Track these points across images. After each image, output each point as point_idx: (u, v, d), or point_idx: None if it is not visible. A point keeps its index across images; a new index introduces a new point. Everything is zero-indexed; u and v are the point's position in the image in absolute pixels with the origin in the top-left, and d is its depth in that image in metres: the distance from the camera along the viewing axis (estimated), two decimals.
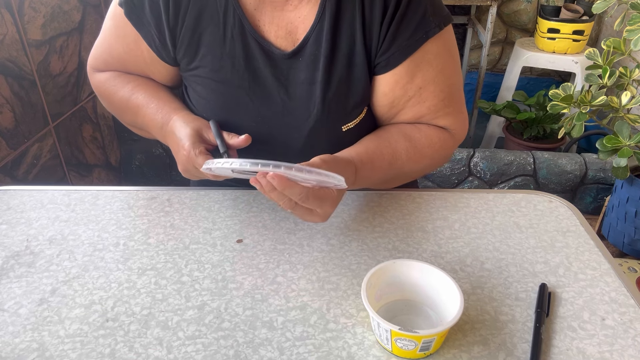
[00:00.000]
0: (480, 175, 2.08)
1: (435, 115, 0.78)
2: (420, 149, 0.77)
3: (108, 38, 0.82)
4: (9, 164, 1.36)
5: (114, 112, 0.88)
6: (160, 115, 0.78)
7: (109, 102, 0.87)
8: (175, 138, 0.73)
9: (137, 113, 0.81)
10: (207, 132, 0.73)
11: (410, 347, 0.53)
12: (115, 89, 0.84)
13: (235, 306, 0.62)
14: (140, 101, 0.80)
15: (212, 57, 0.75)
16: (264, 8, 0.74)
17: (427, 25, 0.72)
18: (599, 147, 1.60)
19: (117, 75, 0.85)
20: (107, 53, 0.83)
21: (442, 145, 0.79)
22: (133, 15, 0.76)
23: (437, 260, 0.69)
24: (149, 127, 0.81)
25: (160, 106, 0.79)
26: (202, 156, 0.68)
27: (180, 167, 0.73)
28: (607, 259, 0.70)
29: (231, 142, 0.71)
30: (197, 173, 0.71)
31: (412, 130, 0.78)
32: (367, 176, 0.72)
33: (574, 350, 0.56)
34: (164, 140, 0.79)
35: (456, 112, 0.79)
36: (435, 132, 0.79)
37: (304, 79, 0.75)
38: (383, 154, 0.75)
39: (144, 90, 0.81)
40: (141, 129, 0.85)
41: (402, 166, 0.76)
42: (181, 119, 0.74)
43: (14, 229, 0.76)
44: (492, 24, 2.33)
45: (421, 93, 0.76)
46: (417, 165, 0.79)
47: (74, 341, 0.57)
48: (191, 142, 0.69)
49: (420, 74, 0.74)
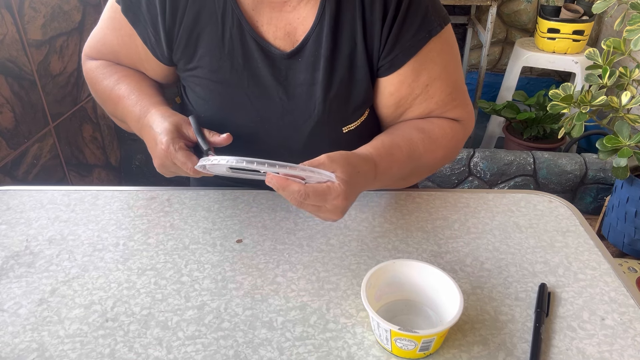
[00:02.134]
0: (480, 175, 2.08)
1: (444, 109, 0.79)
2: (435, 139, 0.77)
3: (104, 28, 0.82)
4: (9, 164, 1.36)
5: (98, 100, 0.87)
6: (138, 108, 0.76)
7: (94, 90, 0.86)
8: (152, 132, 0.71)
9: (118, 103, 0.80)
10: (187, 128, 0.71)
11: (410, 347, 0.53)
12: (102, 77, 0.83)
13: (235, 306, 0.62)
14: (122, 92, 0.79)
15: (211, 58, 0.75)
16: (262, 8, 0.74)
17: (430, 24, 0.72)
18: (599, 147, 1.60)
19: (106, 65, 0.84)
20: (101, 43, 0.83)
21: (455, 135, 0.79)
22: (130, 12, 0.76)
23: (437, 260, 0.69)
24: (127, 118, 0.80)
25: (140, 98, 0.77)
26: (182, 152, 0.67)
27: (157, 162, 0.71)
28: (607, 258, 0.70)
29: (212, 140, 0.70)
30: (174, 169, 0.70)
31: (424, 123, 0.78)
32: (387, 169, 0.70)
33: (574, 350, 0.56)
34: (140, 134, 0.77)
35: (463, 104, 0.80)
36: (446, 122, 0.79)
37: (304, 79, 0.75)
38: (400, 146, 0.73)
39: (128, 82, 0.80)
40: (121, 120, 0.84)
41: (420, 157, 0.75)
42: (159, 112, 0.73)
43: (14, 229, 0.76)
44: (492, 24, 2.33)
45: (428, 90, 0.76)
46: (434, 156, 0.78)
47: (74, 341, 0.57)
48: (170, 137, 0.68)
49: (425, 72, 0.75)
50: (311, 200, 0.60)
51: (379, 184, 0.71)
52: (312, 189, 0.59)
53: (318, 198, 0.59)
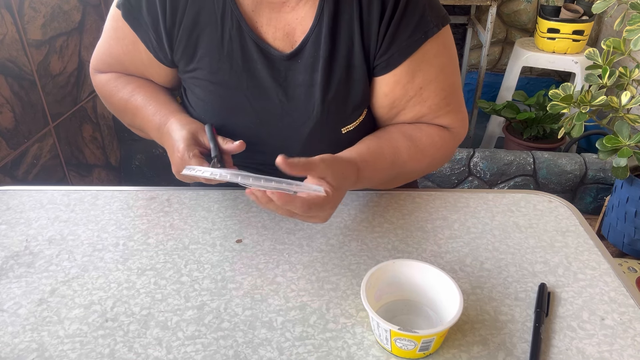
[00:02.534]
0: (480, 175, 2.08)
1: (436, 114, 0.78)
2: (422, 148, 0.77)
3: (108, 39, 0.82)
4: (9, 164, 1.36)
5: (115, 112, 0.89)
6: (158, 117, 0.78)
7: (109, 103, 0.88)
8: (171, 140, 0.73)
9: (136, 114, 0.82)
10: (203, 135, 0.73)
11: (410, 347, 0.53)
12: (116, 89, 0.84)
13: (234, 306, 0.62)
14: (139, 103, 0.81)
15: (210, 59, 0.75)
16: (261, 9, 0.74)
17: (426, 25, 0.72)
18: (599, 147, 1.60)
19: (118, 77, 0.85)
20: (107, 54, 0.84)
21: (444, 145, 0.79)
22: (130, 17, 0.76)
23: (437, 260, 0.69)
24: (146, 128, 0.81)
25: (158, 108, 0.79)
26: (196, 159, 0.68)
27: (174, 169, 0.73)
28: (607, 258, 0.70)
29: (225, 147, 0.71)
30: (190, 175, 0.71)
31: (413, 130, 0.78)
32: (369, 176, 0.72)
33: (574, 350, 0.56)
34: (161, 142, 0.80)
35: (456, 111, 0.79)
36: (436, 131, 0.79)
37: (302, 81, 0.75)
38: (385, 154, 0.74)
39: (143, 92, 0.82)
40: (140, 129, 0.86)
41: (403, 165, 0.76)
42: (178, 121, 0.75)
43: (14, 229, 0.76)
44: (492, 24, 2.33)
45: (422, 93, 0.76)
46: (419, 165, 0.79)
47: (74, 341, 0.57)
48: (186, 144, 0.70)
49: (420, 73, 0.74)
50: (312, 212, 0.60)
51: (360, 185, 0.72)
52: (313, 201, 0.59)
53: (316, 209, 0.60)
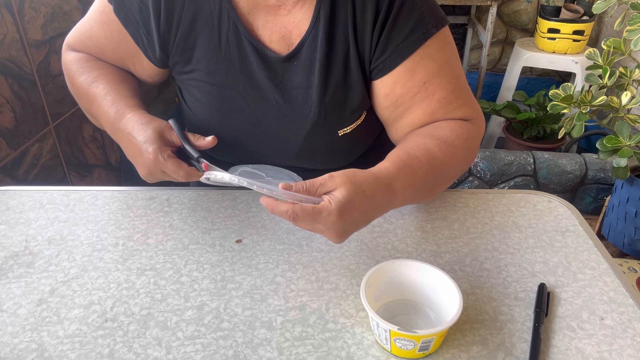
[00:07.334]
0: (480, 175, 2.08)
1: (448, 108, 0.74)
2: (450, 142, 0.71)
3: (91, 21, 0.80)
4: (9, 164, 1.36)
5: (74, 94, 0.85)
6: (113, 110, 0.75)
7: (70, 83, 0.84)
8: (133, 140, 0.70)
9: (93, 101, 0.79)
10: (169, 132, 0.71)
11: (410, 347, 0.53)
12: (81, 71, 0.81)
13: (234, 306, 0.62)
14: (99, 91, 0.78)
15: (208, 61, 0.75)
16: (257, 12, 0.74)
17: (425, 26, 0.71)
18: (599, 147, 1.60)
19: (87, 59, 0.83)
20: (86, 35, 0.82)
21: (469, 135, 0.74)
22: (121, 13, 0.75)
23: (436, 260, 0.69)
24: (100, 118, 0.79)
25: (116, 100, 0.76)
26: (172, 160, 0.67)
27: (143, 170, 0.70)
28: (606, 258, 0.70)
29: (197, 144, 0.70)
30: (162, 176, 0.70)
31: (434, 129, 0.73)
32: (409, 183, 0.65)
33: (573, 350, 0.56)
34: (115, 137, 0.77)
35: (469, 103, 0.76)
36: (455, 123, 0.74)
37: (299, 83, 0.75)
38: (418, 157, 0.67)
39: (106, 82, 0.79)
40: (95, 118, 0.83)
41: (440, 164, 0.69)
42: (137, 118, 0.72)
43: (13, 229, 0.76)
44: (492, 24, 2.33)
45: (427, 87, 0.73)
46: (454, 161, 0.72)
47: (73, 341, 0.57)
48: (156, 145, 0.68)
49: (422, 69, 0.72)
50: (301, 221, 0.58)
51: (402, 200, 0.65)
52: (301, 209, 0.57)
53: (307, 218, 0.57)
